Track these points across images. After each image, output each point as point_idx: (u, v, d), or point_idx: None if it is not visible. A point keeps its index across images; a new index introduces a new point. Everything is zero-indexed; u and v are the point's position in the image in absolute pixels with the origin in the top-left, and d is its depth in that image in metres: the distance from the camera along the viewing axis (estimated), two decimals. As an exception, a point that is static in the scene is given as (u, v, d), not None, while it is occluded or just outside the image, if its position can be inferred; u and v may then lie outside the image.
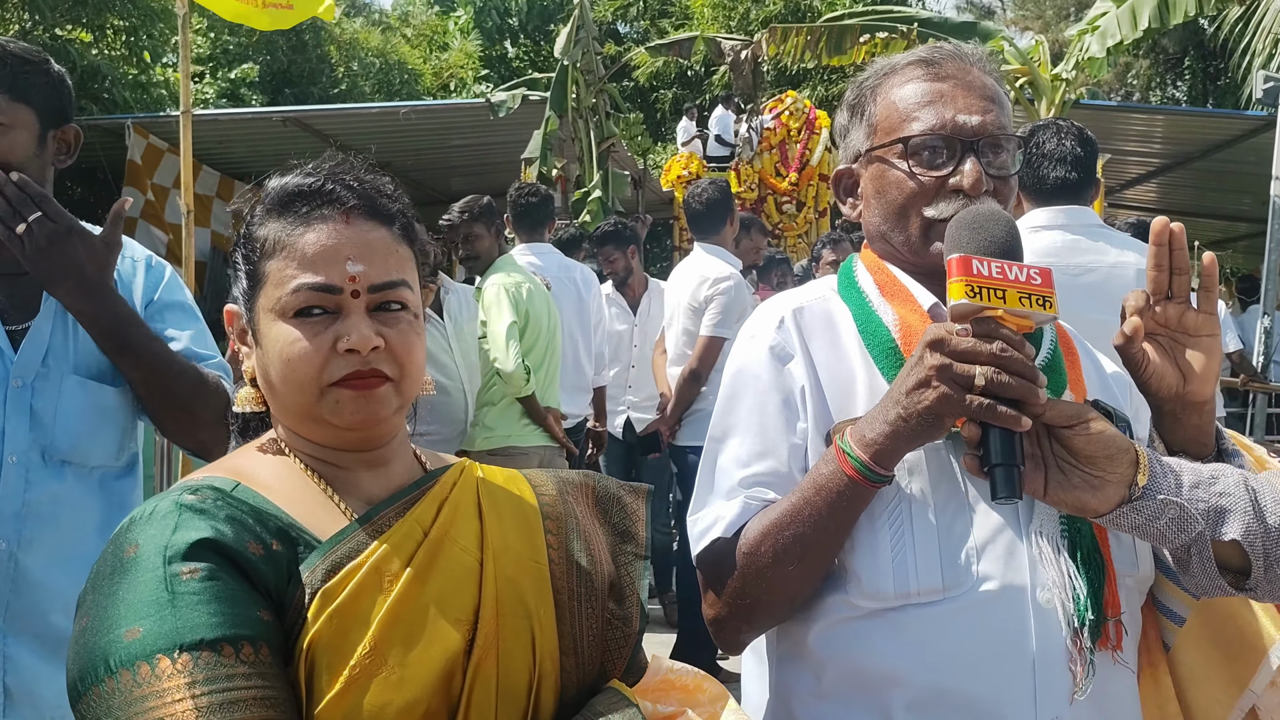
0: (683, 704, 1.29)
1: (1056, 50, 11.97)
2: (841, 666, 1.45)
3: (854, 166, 1.63)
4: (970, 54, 1.56)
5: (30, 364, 2.04)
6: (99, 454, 2.11)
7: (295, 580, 1.13)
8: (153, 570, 1.07)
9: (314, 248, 1.20)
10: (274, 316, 1.20)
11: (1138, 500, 1.26)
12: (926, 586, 1.39)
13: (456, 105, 15.35)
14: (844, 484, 1.35)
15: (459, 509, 1.26)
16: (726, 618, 1.49)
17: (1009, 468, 1.24)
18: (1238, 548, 1.28)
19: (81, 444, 2.08)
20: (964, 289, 1.26)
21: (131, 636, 1.04)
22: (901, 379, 1.31)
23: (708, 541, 1.49)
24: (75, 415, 2.06)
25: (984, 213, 1.37)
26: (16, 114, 2.02)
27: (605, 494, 1.43)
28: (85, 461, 2.09)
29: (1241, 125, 12.52)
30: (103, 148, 11.47)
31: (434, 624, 1.15)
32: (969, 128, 1.48)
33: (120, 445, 2.15)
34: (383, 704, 1.09)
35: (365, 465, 1.27)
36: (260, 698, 1.04)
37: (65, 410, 2.05)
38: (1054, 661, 1.37)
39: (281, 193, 1.25)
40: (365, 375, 1.19)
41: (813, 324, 1.55)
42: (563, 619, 1.26)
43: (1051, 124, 3.34)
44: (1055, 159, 3.22)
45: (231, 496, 1.17)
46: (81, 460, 2.09)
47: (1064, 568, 1.40)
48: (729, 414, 1.55)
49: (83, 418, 2.07)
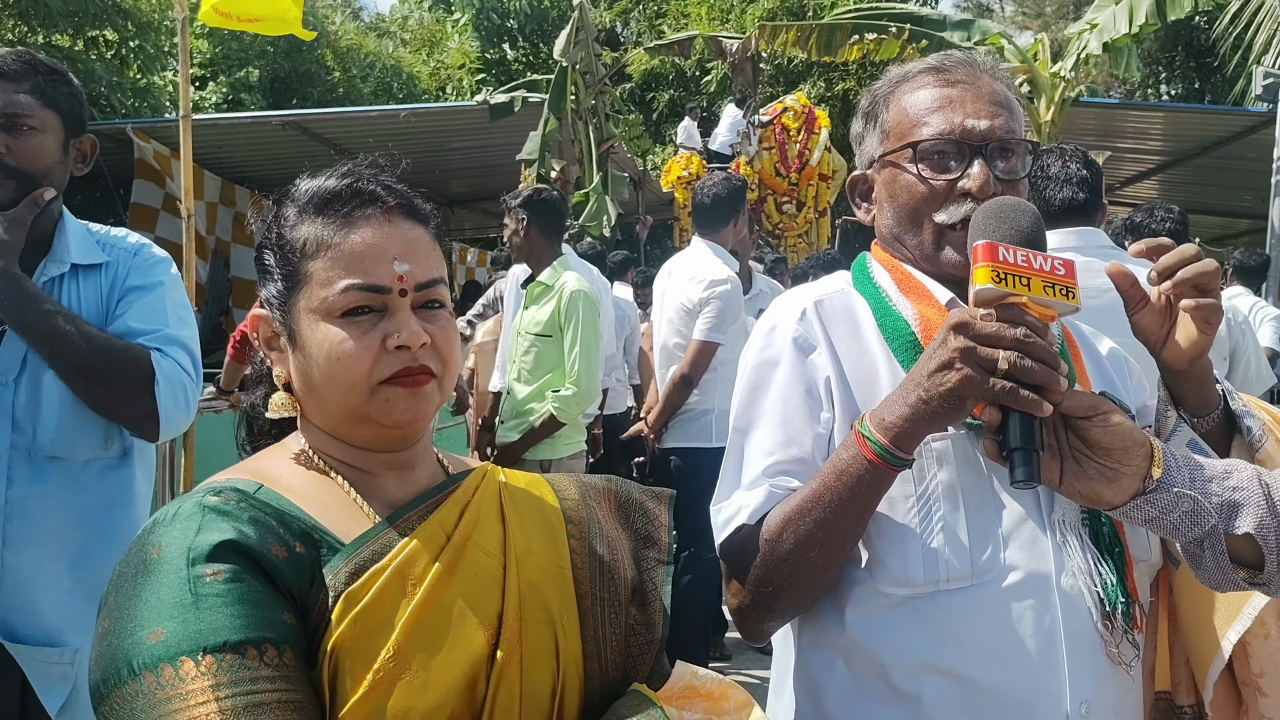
0: (709, 712, 1.27)
1: (1056, 49, 11.96)
2: (869, 656, 1.45)
3: (868, 172, 1.66)
4: (981, 62, 1.60)
5: (11, 362, 2.07)
6: (85, 446, 2.13)
7: (318, 583, 1.12)
8: (176, 572, 1.06)
9: (360, 247, 1.20)
10: (318, 317, 1.20)
11: (1152, 493, 1.26)
12: (956, 573, 1.40)
13: (455, 108, 15.34)
14: (864, 468, 1.35)
15: (482, 512, 1.26)
16: (750, 606, 1.49)
17: (1028, 452, 1.24)
18: (1251, 541, 1.28)
19: (65, 437, 2.09)
20: (990, 274, 1.27)
21: (155, 638, 1.03)
22: (923, 362, 1.31)
23: (731, 530, 1.50)
24: (56, 409, 2.08)
25: (1010, 202, 1.38)
26: (48, 119, 2.12)
27: (627, 499, 1.42)
28: (72, 455, 2.11)
29: (1241, 121, 12.53)
30: (103, 153, 11.46)
31: (458, 628, 1.14)
32: (977, 132, 1.51)
33: (106, 435, 2.16)
34: (407, 708, 1.08)
35: (390, 468, 1.26)
36: (284, 701, 1.03)
37: (46, 405, 2.08)
38: (1082, 646, 1.39)
39: (319, 193, 1.24)
40: (415, 372, 1.20)
41: (834, 315, 1.57)
42: (586, 624, 1.25)
43: (1055, 148, 3.30)
44: (1061, 180, 3.17)
45: (254, 498, 1.16)
46: (68, 454, 2.11)
47: (1088, 554, 1.42)
48: (752, 405, 1.56)
49: (64, 411, 2.09)
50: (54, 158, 2.12)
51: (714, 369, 4.94)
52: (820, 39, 10.85)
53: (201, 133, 10.12)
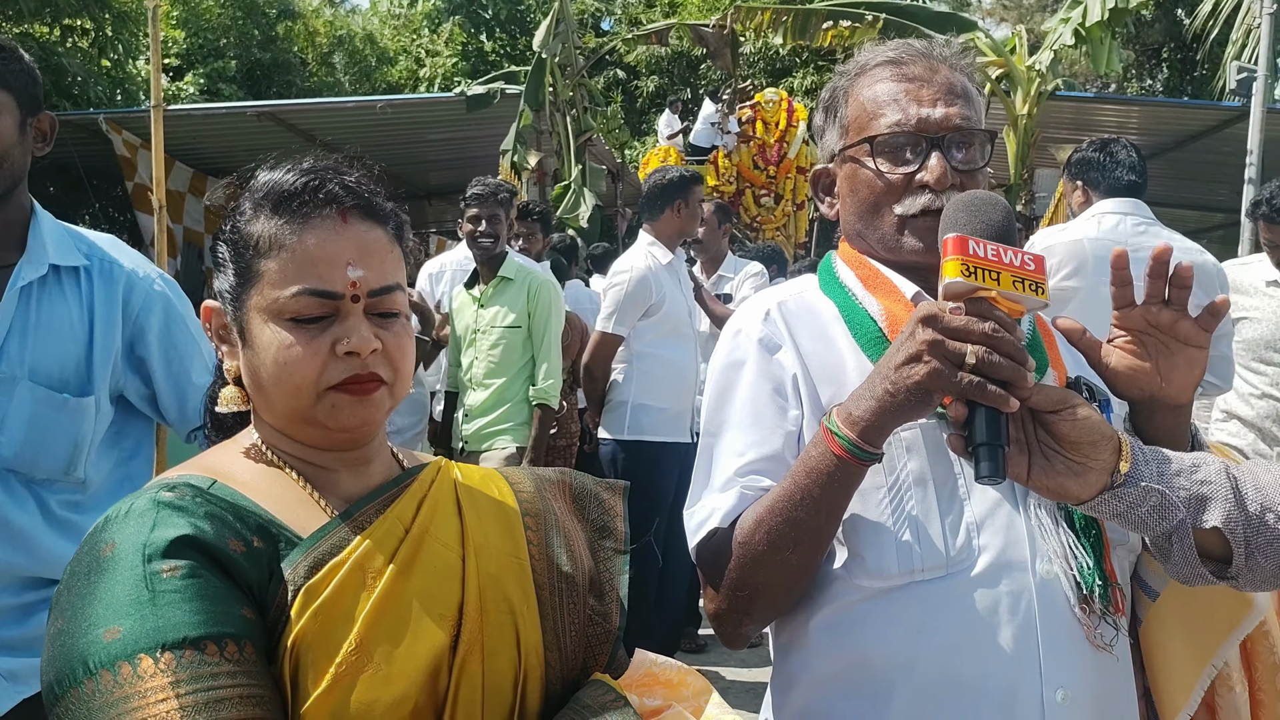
0: (667, 698, 1.28)
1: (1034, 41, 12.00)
2: (845, 653, 1.45)
3: (830, 166, 1.66)
4: (939, 52, 1.59)
5: None
6: (44, 465, 2.04)
7: (277, 578, 1.11)
8: (132, 569, 1.05)
9: (315, 250, 1.18)
10: (267, 317, 1.18)
11: (1120, 487, 1.26)
12: (930, 563, 1.40)
13: (432, 99, 15.26)
14: (834, 464, 1.34)
15: (439, 506, 1.26)
16: (727, 610, 1.48)
17: (994, 447, 1.24)
18: (1219, 535, 1.28)
19: (25, 453, 2.01)
20: (959, 267, 1.26)
21: (111, 636, 1.02)
22: (890, 355, 1.30)
23: (705, 534, 1.49)
24: (21, 422, 2.00)
25: (982, 196, 1.38)
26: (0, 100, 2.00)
27: (582, 491, 1.43)
28: (30, 472, 2.03)
29: (1216, 116, 12.62)
30: (75, 143, 11.37)
31: (419, 620, 1.14)
32: (932, 122, 1.51)
33: (70, 460, 2.07)
34: (370, 701, 1.08)
35: (345, 465, 1.26)
36: (245, 696, 1.02)
37: (13, 416, 2.00)
38: (1059, 633, 1.39)
39: (275, 189, 1.22)
40: (364, 379, 1.18)
41: (798, 314, 1.57)
42: (545, 614, 1.25)
43: (1116, 139, 4.16)
44: (1127, 166, 4.03)
45: (209, 494, 1.15)
46: (26, 470, 2.03)
47: (1063, 538, 1.42)
48: (721, 408, 1.55)
49: (29, 425, 2.01)
50: (11, 139, 2.01)
51: (629, 361, 5.02)
52: (796, 23, 10.83)
53: (175, 124, 10.03)
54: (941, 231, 1.33)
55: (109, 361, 2.11)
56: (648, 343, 4.97)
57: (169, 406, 2.23)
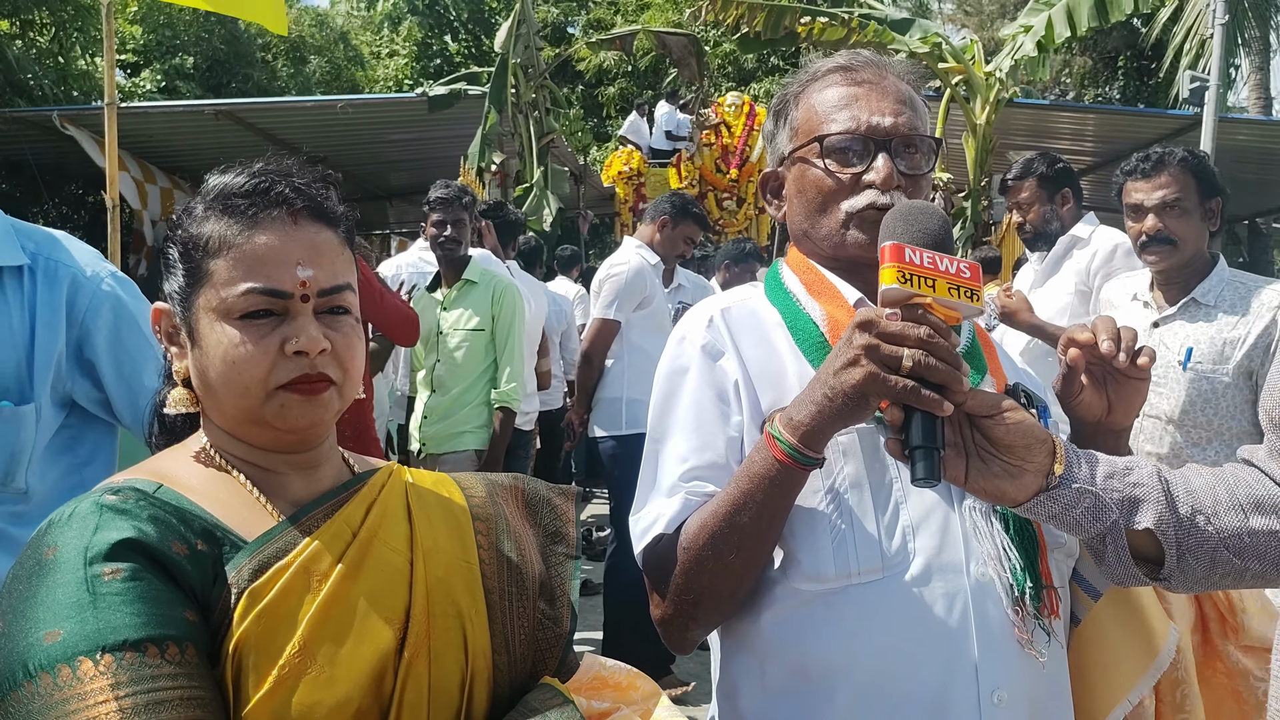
0: (616, 701, 1.29)
1: (992, 48, 12.13)
2: (786, 657, 1.46)
3: (779, 169, 1.69)
4: (887, 62, 1.64)
5: None
6: None
7: (221, 581, 1.11)
8: (73, 571, 1.05)
9: (264, 249, 1.18)
10: (216, 317, 1.18)
11: (1055, 489, 1.29)
12: (866, 566, 1.42)
13: (394, 99, 15.17)
14: (776, 470, 1.36)
15: (388, 511, 1.26)
16: (673, 616, 1.49)
17: (929, 450, 1.25)
18: (1152, 537, 1.31)
19: None
20: (896, 274, 1.28)
21: (51, 639, 1.02)
22: (830, 360, 1.33)
23: (650, 540, 1.50)
24: None
25: (919, 205, 1.40)
26: None
27: (534, 496, 1.44)
28: None
29: (1170, 124, 12.81)
30: (28, 141, 11.20)
31: (364, 622, 1.14)
32: (882, 128, 1.56)
33: (6, 470, 1.98)
34: (313, 703, 1.08)
35: (294, 468, 1.25)
36: (186, 698, 1.02)
37: None
38: (993, 635, 1.41)
39: (225, 190, 1.22)
40: (313, 379, 1.18)
41: (741, 321, 1.59)
42: (494, 618, 1.26)
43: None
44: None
45: (154, 497, 1.15)
46: None
47: (997, 540, 1.44)
48: (665, 415, 1.57)
49: None
50: None
51: (620, 357, 5.11)
52: (770, 19, 10.85)
53: (130, 121, 9.92)
54: (880, 240, 1.35)
55: (50, 366, 2.02)
56: (639, 335, 5.09)
57: (123, 410, 2.15)
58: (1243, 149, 12.11)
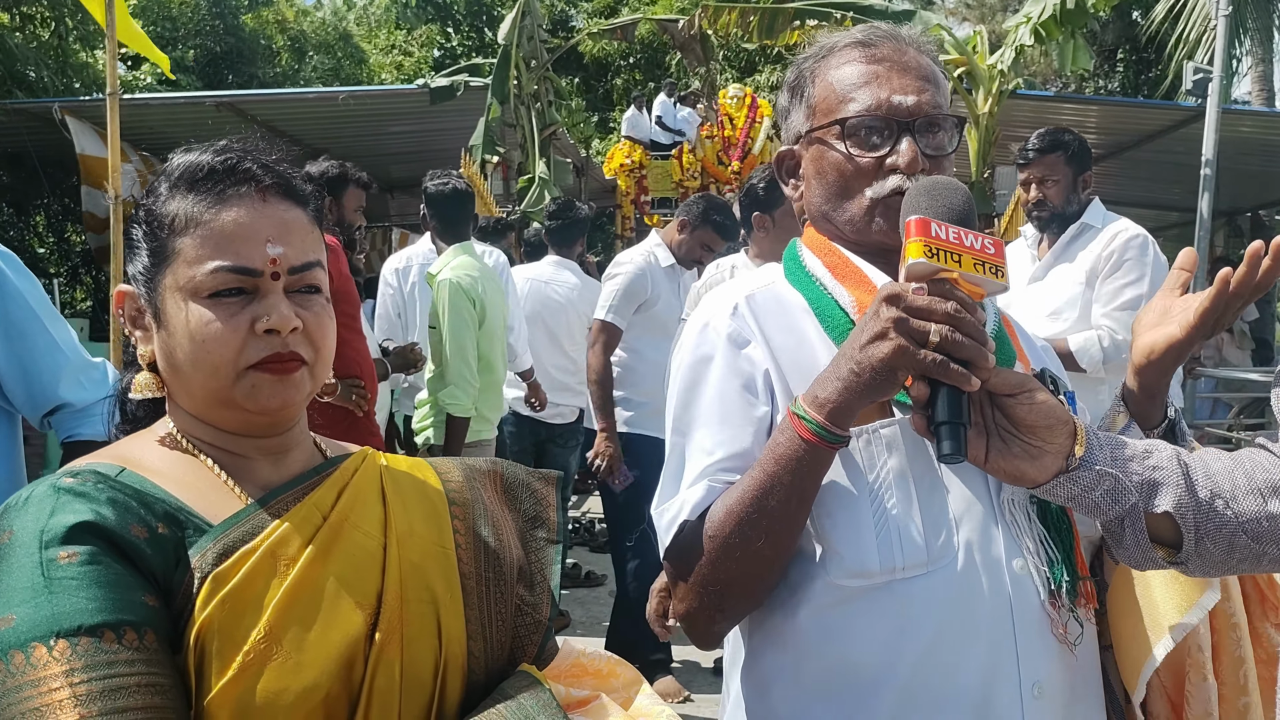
0: (596, 688, 1.27)
1: (995, 41, 12.08)
2: (824, 655, 1.42)
3: (795, 148, 1.64)
4: (906, 35, 1.58)
5: None
6: None
7: (184, 565, 1.09)
8: (28, 555, 1.03)
9: (232, 227, 1.16)
10: (183, 296, 1.16)
11: (1074, 471, 1.28)
12: (911, 560, 1.38)
13: (396, 91, 15.13)
14: (802, 449, 1.33)
15: (360, 494, 1.24)
16: (698, 609, 1.45)
17: (955, 425, 1.25)
18: (1170, 520, 1.30)
19: None
20: (922, 249, 1.27)
21: (4, 625, 0.99)
22: (855, 335, 1.31)
23: (675, 530, 1.46)
24: None
25: (943, 181, 1.38)
26: None
27: (513, 480, 1.41)
28: None
29: (1172, 116, 12.74)
30: (29, 133, 11.18)
31: (333, 607, 1.12)
32: (904, 108, 1.49)
33: None
34: (278, 690, 1.06)
35: (264, 453, 1.23)
36: (145, 684, 1.00)
37: None
38: (1032, 628, 1.39)
39: (191, 168, 1.20)
40: (284, 358, 1.16)
41: (766, 308, 1.53)
42: (470, 604, 1.24)
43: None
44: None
45: (115, 480, 1.12)
46: None
47: (1035, 533, 1.42)
48: (689, 406, 1.52)
49: None
50: None
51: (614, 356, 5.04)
52: (762, 22, 10.84)
53: (131, 113, 9.89)
54: (903, 214, 1.34)
55: None
56: (635, 336, 5.01)
57: (14, 390, 2.13)
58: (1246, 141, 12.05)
